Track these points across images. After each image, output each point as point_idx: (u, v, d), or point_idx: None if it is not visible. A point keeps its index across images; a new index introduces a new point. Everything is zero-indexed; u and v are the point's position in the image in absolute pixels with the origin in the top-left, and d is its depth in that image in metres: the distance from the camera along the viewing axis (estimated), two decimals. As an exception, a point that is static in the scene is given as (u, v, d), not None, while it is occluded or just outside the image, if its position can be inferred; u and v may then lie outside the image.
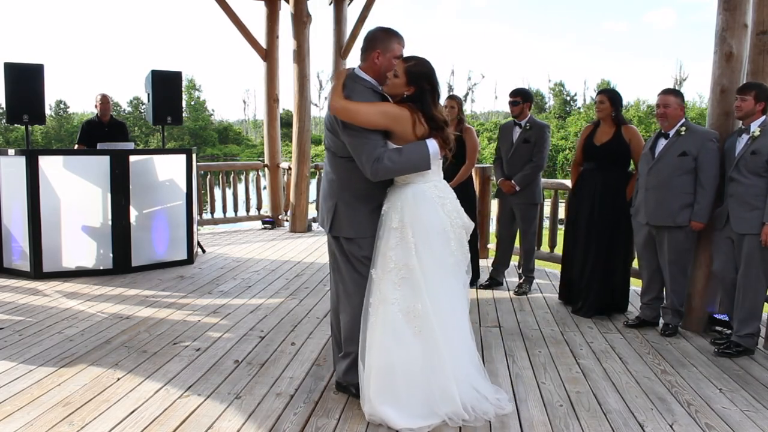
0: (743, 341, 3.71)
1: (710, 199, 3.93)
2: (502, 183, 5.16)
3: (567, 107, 52.27)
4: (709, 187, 3.91)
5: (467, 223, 2.84)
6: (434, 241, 2.74)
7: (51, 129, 47.88)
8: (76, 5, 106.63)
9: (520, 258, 5.34)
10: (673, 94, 4.07)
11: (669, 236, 4.05)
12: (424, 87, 2.70)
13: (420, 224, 2.72)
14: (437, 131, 2.71)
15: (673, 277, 4.10)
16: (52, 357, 3.55)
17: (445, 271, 2.76)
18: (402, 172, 2.71)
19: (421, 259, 2.71)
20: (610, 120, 4.48)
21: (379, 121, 2.68)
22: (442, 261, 2.75)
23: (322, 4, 8.68)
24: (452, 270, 2.79)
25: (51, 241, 5.45)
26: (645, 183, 4.11)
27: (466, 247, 2.84)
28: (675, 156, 3.97)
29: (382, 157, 2.65)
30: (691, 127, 4.02)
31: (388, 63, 2.77)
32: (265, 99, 8.84)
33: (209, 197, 8.29)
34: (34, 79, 5.59)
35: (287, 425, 2.74)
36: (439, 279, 2.73)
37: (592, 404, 3.02)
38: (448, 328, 2.73)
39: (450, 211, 2.78)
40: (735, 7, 3.97)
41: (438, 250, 2.74)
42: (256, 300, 4.86)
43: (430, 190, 2.76)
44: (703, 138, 3.94)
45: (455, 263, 2.79)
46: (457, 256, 2.80)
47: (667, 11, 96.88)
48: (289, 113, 17.33)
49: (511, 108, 5.13)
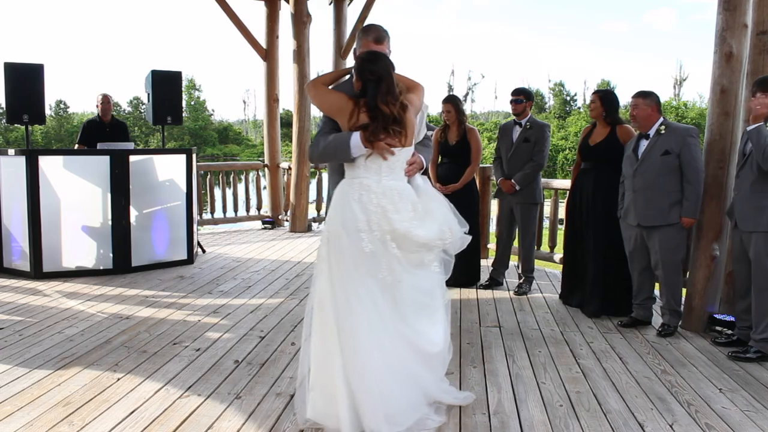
0: (761, 346, 3.63)
1: (697, 194, 3.96)
2: (502, 182, 5.17)
3: (567, 107, 52.25)
4: (695, 183, 3.94)
5: (399, 229, 2.66)
6: (344, 240, 2.67)
7: (51, 129, 47.86)
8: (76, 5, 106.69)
9: (520, 258, 5.35)
10: (642, 96, 4.11)
11: (660, 235, 4.06)
12: (367, 79, 2.69)
13: (332, 220, 2.74)
14: (375, 123, 2.65)
15: (667, 276, 4.11)
16: (52, 357, 3.55)
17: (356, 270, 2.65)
18: (326, 157, 2.84)
19: (330, 255, 2.70)
20: (603, 120, 4.51)
21: (324, 108, 2.84)
22: (353, 260, 2.66)
23: (322, 4, 8.73)
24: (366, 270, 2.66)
25: (51, 241, 5.45)
26: (632, 185, 4.12)
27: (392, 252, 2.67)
28: (658, 156, 4.01)
29: (318, 141, 2.80)
30: (670, 125, 4.06)
31: None
32: (265, 99, 8.84)
33: (209, 197, 8.29)
34: (34, 79, 5.58)
35: (287, 425, 2.74)
36: (346, 276, 2.66)
37: (592, 404, 3.02)
38: (348, 326, 2.62)
39: (373, 212, 2.66)
40: (735, 7, 3.97)
41: (346, 248, 2.66)
42: (256, 300, 4.86)
43: (353, 188, 2.71)
44: (683, 135, 3.97)
45: (371, 265, 2.66)
46: (379, 258, 2.66)
47: (667, 11, 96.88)
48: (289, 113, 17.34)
49: (514, 106, 5.13)
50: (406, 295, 2.71)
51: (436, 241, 2.77)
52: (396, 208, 2.69)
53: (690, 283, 4.25)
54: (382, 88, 2.65)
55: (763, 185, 3.57)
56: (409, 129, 2.74)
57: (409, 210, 2.74)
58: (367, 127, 2.65)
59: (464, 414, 2.88)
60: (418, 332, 2.73)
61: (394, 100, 2.67)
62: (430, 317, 2.81)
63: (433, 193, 2.94)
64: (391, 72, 2.70)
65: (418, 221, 2.74)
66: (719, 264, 4.16)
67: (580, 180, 4.65)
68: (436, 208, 2.84)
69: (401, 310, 2.71)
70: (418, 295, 2.76)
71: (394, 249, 2.67)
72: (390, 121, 2.65)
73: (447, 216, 2.84)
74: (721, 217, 4.06)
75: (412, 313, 2.74)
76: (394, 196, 2.71)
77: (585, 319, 4.45)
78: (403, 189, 2.77)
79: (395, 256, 2.67)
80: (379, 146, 2.65)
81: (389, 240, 2.67)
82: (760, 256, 3.61)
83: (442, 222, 2.80)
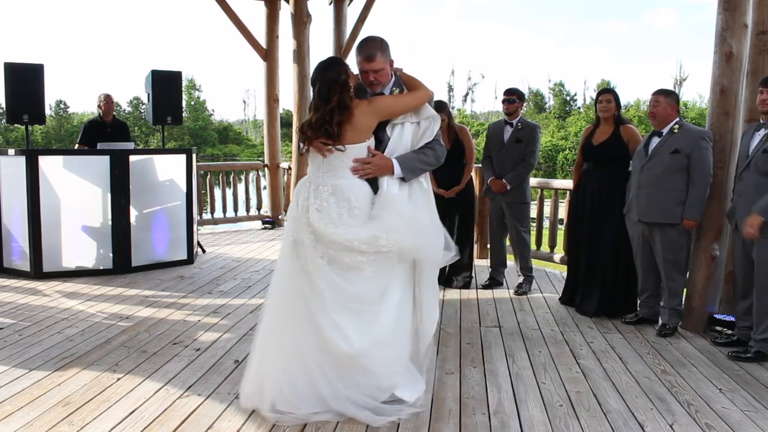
0: (761, 346, 3.63)
1: (701, 197, 3.94)
2: (492, 182, 5.17)
3: (567, 107, 52.25)
4: (700, 184, 3.93)
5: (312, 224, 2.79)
6: (286, 228, 2.98)
7: (51, 129, 47.85)
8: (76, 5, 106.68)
9: (516, 258, 5.34)
10: (664, 94, 4.10)
11: (662, 234, 4.06)
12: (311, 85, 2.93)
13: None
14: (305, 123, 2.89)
15: (668, 276, 4.11)
16: (52, 357, 3.55)
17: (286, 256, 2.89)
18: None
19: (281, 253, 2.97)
20: (612, 120, 4.50)
21: None
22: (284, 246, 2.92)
23: (322, 4, 8.70)
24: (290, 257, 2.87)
25: (51, 241, 5.45)
26: (638, 180, 4.13)
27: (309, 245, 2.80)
28: (667, 153, 4.00)
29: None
30: (685, 126, 4.04)
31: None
32: (265, 99, 8.84)
33: (209, 197, 8.29)
34: (34, 79, 5.58)
35: (287, 425, 2.73)
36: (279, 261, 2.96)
37: (592, 404, 3.02)
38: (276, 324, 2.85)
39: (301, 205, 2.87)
40: (735, 7, 3.96)
41: (285, 236, 2.94)
42: (256, 300, 4.86)
43: (301, 182, 2.97)
44: (696, 136, 3.96)
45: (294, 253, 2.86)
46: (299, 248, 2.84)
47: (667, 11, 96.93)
48: (289, 113, 17.34)
49: (507, 106, 5.13)
50: (326, 290, 2.78)
51: (361, 245, 2.76)
52: (321, 204, 2.82)
53: (690, 283, 4.25)
54: (314, 92, 2.86)
55: (766, 188, 3.53)
56: (352, 130, 2.81)
57: (340, 208, 2.81)
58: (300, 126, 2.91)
59: (464, 414, 2.88)
60: (335, 326, 2.74)
61: (324, 104, 2.80)
62: (358, 319, 2.78)
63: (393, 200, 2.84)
64: (325, 80, 2.81)
65: (345, 222, 2.79)
66: (719, 264, 4.16)
67: (583, 180, 4.62)
68: (385, 214, 2.80)
69: (322, 301, 2.78)
70: (342, 296, 2.78)
71: (311, 241, 2.82)
72: (321, 122, 2.79)
73: (397, 224, 2.77)
74: (721, 217, 4.06)
75: (335, 308, 2.77)
76: (323, 193, 2.84)
77: (585, 319, 4.45)
78: (339, 186, 2.83)
79: (314, 249, 2.81)
80: (314, 145, 2.85)
81: (309, 233, 2.83)
82: (765, 258, 3.58)
83: (382, 228, 2.76)
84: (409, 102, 2.92)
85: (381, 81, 2.91)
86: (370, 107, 2.85)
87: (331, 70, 2.83)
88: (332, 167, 2.86)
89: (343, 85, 2.81)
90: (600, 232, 4.47)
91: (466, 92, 57.17)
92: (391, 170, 2.86)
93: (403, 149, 2.92)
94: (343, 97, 2.79)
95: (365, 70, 2.88)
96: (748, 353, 3.64)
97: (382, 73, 2.89)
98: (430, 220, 2.93)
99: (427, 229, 2.88)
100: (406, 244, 2.79)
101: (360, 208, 2.81)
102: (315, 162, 2.92)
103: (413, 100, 2.92)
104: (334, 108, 2.78)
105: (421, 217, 2.90)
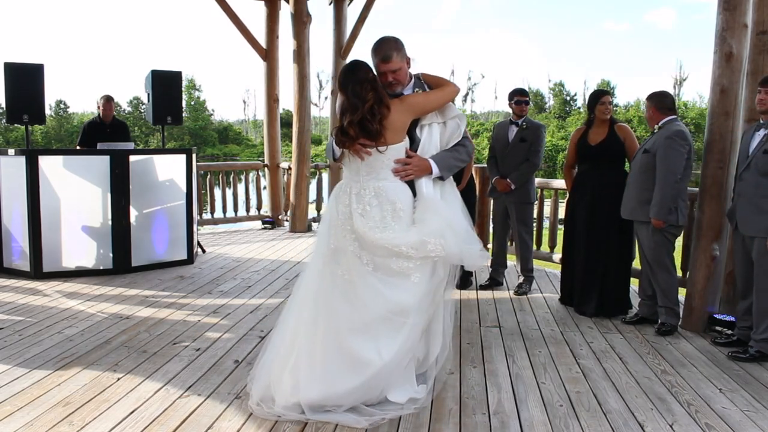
0: (761, 346, 3.63)
1: (664, 196, 3.95)
2: (497, 181, 5.17)
3: (567, 107, 52.29)
4: (662, 184, 3.95)
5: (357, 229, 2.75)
6: (321, 233, 2.92)
7: (51, 129, 47.87)
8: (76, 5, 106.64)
9: (518, 258, 5.34)
10: (648, 97, 4.24)
11: (640, 232, 4.18)
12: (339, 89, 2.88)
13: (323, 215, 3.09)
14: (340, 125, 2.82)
15: (654, 275, 4.16)
16: (52, 357, 3.55)
17: (322, 263, 2.85)
18: (328, 158, 3.14)
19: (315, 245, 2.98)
20: (607, 120, 4.51)
21: None
22: (321, 253, 2.87)
23: (322, 4, 8.70)
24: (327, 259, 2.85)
25: (51, 241, 5.45)
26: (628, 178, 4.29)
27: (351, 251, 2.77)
28: (641, 153, 4.13)
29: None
30: (664, 126, 4.07)
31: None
32: (265, 99, 8.84)
33: (209, 197, 8.29)
34: (34, 79, 5.58)
35: (287, 425, 2.73)
36: (311, 266, 2.91)
37: (592, 404, 3.02)
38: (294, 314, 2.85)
39: (342, 211, 2.82)
40: (735, 7, 3.96)
41: (320, 242, 2.91)
42: (256, 300, 4.86)
43: (338, 187, 2.94)
44: (664, 135, 4.01)
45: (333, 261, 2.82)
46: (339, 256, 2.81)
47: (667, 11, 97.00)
48: (289, 113, 17.32)
49: (521, 108, 5.09)
50: (366, 298, 2.73)
51: (410, 249, 2.72)
52: (365, 209, 2.76)
53: (690, 283, 4.25)
54: (346, 95, 2.77)
55: (766, 188, 3.53)
56: (390, 129, 2.77)
57: (384, 211, 2.77)
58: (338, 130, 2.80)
59: (464, 414, 2.88)
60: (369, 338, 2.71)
61: (362, 103, 2.73)
62: (390, 328, 2.74)
63: (435, 204, 2.84)
64: (358, 79, 2.75)
65: (389, 225, 2.74)
66: (719, 264, 4.16)
67: (581, 181, 4.62)
68: (430, 218, 2.79)
69: (351, 312, 2.72)
70: (381, 305, 2.73)
71: (356, 248, 2.76)
72: (362, 122, 2.72)
73: (443, 230, 2.75)
74: (721, 217, 4.06)
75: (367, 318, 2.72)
76: (365, 196, 2.78)
77: (585, 319, 4.45)
78: (382, 189, 2.79)
79: (356, 256, 2.75)
80: (353, 148, 2.78)
81: (352, 240, 2.77)
82: (763, 260, 3.58)
83: (429, 233, 2.73)
84: (440, 98, 2.90)
85: (400, 80, 2.89)
86: (402, 105, 2.81)
87: (359, 70, 2.78)
88: (373, 169, 2.81)
89: (374, 82, 2.78)
90: (600, 233, 4.46)
91: (466, 92, 57.25)
92: (429, 170, 2.86)
93: (434, 149, 2.92)
94: (379, 93, 2.76)
95: (383, 72, 2.86)
96: (748, 353, 3.64)
97: (400, 73, 2.88)
98: (468, 224, 2.91)
99: (469, 234, 2.86)
100: (452, 249, 2.76)
101: (404, 210, 2.79)
102: (352, 166, 2.85)
103: (444, 95, 2.91)
104: (373, 105, 2.73)
105: (461, 221, 2.88)
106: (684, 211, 4.03)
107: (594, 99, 4.60)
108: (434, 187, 2.89)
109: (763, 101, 3.58)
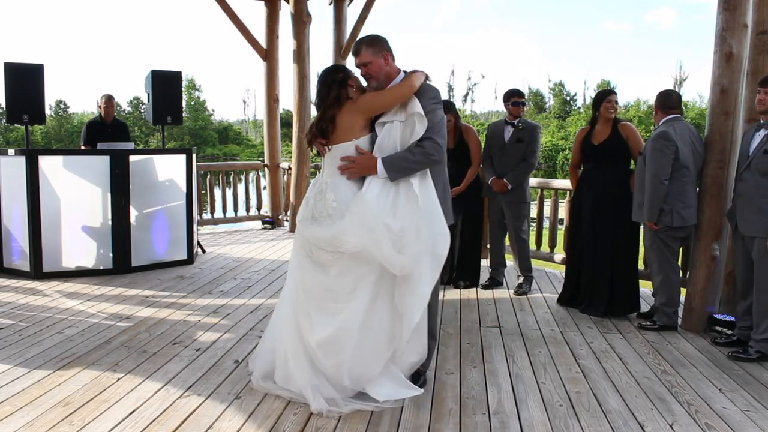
0: (761, 346, 3.62)
1: (648, 199, 4.01)
2: (493, 182, 5.16)
3: (567, 107, 52.28)
4: (648, 186, 4.02)
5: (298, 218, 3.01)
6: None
7: (51, 129, 47.86)
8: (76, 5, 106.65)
9: (515, 258, 5.33)
10: (655, 97, 4.27)
11: (644, 234, 4.28)
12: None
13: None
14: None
15: (652, 274, 4.26)
16: (52, 357, 3.55)
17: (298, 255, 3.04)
18: None
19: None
20: (611, 119, 4.51)
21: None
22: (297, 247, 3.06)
23: (322, 4, 8.70)
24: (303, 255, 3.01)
25: (51, 241, 5.45)
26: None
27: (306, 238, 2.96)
28: (639, 155, 4.22)
29: None
30: (659, 127, 4.11)
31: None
32: (265, 99, 8.84)
33: (209, 197, 8.29)
34: (34, 79, 5.59)
35: (287, 425, 2.74)
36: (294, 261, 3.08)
37: (592, 404, 3.02)
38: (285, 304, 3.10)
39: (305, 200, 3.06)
40: (735, 7, 3.96)
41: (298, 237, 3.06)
42: (256, 300, 4.86)
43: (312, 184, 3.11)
44: (651, 138, 4.07)
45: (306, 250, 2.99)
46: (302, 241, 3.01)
47: (667, 11, 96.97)
48: (289, 113, 17.31)
49: (518, 109, 5.08)
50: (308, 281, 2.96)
51: (322, 244, 2.87)
52: (308, 202, 3.00)
53: (690, 283, 4.25)
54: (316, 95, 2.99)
55: (766, 188, 3.53)
56: (338, 129, 2.91)
57: (320, 205, 2.92)
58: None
59: (464, 414, 2.88)
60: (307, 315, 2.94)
61: (323, 103, 2.92)
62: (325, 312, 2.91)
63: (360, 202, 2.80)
64: (325, 81, 2.92)
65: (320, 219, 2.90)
66: (719, 264, 4.16)
67: (586, 180, 4.61)
68: (346, 216, 2.81)
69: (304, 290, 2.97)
70: (318, 288, 2.94)
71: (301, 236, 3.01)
72: (317, 121, 2.94)
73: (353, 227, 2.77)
74: (721, 217, 4.05)
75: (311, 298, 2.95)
76: (315, 188, 3.00)
77: (585, 319, 4.45)
78: (326, 184, 2.95)
79: (300, 244, 3.01)
80: (315, 144, 2.99)
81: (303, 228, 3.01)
82: (763, 260, 3.58)
83: (339, 229, 2.79)
84: (390, 96, 2.87)
85: (372, 74, 2.95)
86: (353, 105, 2.90)
87: (329, 73, 2.96)
88: (327, 166, 2.99)
89: (341, 82, 2.89)
90: (605, 232, 4.45)
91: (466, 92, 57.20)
92: (374, 169, 2.85)
93: (392, 148, 2.88)
94: (339, 93, 2.89)
95: (357, 66, 2.99)
96: (748, 353, 3.63)
97: (371, 67, 2.93)
98: (402, 227, 2.78)
99: (388, 236, 2.74)
100: (360, 247, 2.78)
101: (336, 208, 2.87)
102: (324, 159, 3.04)
103: (395, 94, 2.87)
104: (330, 105, 2.88)
105: (390, 222, 2.77)
106: (682, 212, 4.01)
107: (600, 98, 4.59)
108: (384, 187, 2.83)
109: (762, 101, 3.58)
